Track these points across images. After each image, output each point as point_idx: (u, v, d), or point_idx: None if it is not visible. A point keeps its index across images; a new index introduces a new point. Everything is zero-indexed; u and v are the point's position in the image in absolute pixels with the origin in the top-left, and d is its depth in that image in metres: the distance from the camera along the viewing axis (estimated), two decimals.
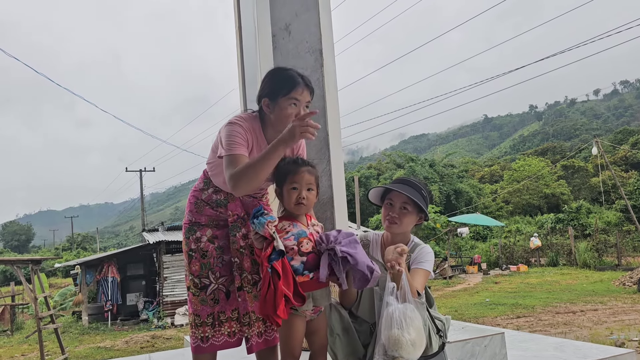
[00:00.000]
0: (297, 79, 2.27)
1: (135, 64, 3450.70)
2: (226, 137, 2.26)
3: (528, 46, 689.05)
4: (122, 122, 31.84)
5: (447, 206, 37.46)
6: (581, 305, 12.85)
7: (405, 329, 2.08)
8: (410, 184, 2.60)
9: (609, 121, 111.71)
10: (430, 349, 2.29)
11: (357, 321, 2.53)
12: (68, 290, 24.03)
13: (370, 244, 2.69)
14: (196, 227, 2.50)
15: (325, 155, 3.87)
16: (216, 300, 2.46)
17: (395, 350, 2.09)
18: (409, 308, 2.12)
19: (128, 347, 13.20)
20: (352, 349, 2.47)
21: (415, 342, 2.09)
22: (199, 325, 2.45)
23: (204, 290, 2.46)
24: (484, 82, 22.48)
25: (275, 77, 2.33)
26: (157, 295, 18.55)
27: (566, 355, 3.90)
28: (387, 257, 2.21)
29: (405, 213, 2.53)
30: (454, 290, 18.45)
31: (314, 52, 3.98)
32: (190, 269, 2.48)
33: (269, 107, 2.29)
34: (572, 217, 31.47)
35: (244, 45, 4.21)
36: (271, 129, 2.36)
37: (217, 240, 2.48)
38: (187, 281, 2.50)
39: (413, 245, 2.56)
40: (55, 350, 12.86)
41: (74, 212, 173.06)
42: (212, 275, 2.46)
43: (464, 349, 3.48)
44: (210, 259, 2.47)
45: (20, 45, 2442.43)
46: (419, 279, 2.38)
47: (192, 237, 2.49)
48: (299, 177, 2.27)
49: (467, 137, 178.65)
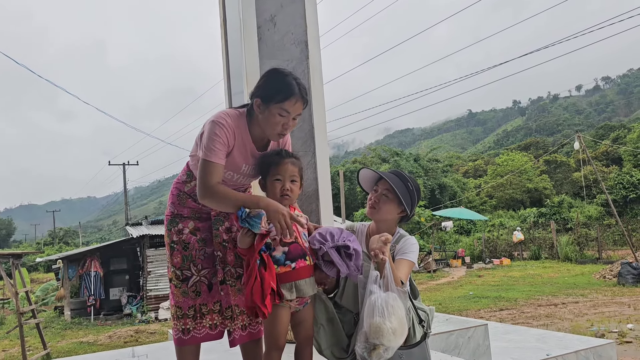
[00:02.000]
0: (293, 89, 2.24)
1: (118, 55, 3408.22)
2: (207, 138, 2.25)
3: (516, 40, 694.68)
4: (105, 114, 31.68)
5: (432, 200, 37.68)
6: (563, 298, 13.04)
7: (387, 317, 2.08)
8: (398, 175, 2.61)
9: (590, 117, 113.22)
10: (412, 339, 2.31)
11: (341, 311, 2.54)
12: (50, 285, 23.74)
13: (356, 234, 2.70)
14: (178, 219, 2.48)
15: (310, 148, 3.86)
16: (198, 292, 2.45)
17: (377, 338, 2.09)
18: (391, 297, 2.13)
19: (111, 341, 13.08)
20: (336, 339, 2.47)
21: (396, 331, 2.10)
22: (180, 317, 2.44)
23: (185, 282, 2.44)
24: (468, 77, 22.61)
25: (273, 80, 2.29)
26: (140, 290, 18.40)
27: (548, 346, 3.95)
28: (371, 246, 2.22)
29: (385, 200, 2.55)
30: (438, 283, 18.60)
31: (299, 43, 3.96)
32: (172, 261, 2.47)
33: (260, 108, 2.27)
34: (554, 212, 31.90)
35: (228, 37, 4.17)
36: (257, 128, 2.34)
37: (200, 233, 2.47)
38: (169, 273, 2.49)
39: (398, 237, 2.58)
40: (37, 346, 12.71)
41: (55, 206, 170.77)
42: (194, 268, 2.45)
43: (448, 340, 3.51)
44: (192, 251, 2.45)
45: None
46: (403, 269, 2.39)
47: (174, 229, 2.47)
48: (283, 168, 2.28)
49: (452, 132, 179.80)
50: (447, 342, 3.51)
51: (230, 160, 2.34)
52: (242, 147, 2.35)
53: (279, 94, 2.22)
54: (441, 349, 3.41)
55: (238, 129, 2.32)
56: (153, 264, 17.90)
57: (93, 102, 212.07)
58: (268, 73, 2.35)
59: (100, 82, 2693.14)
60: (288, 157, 2.32)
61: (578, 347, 3.81)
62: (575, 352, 3.74)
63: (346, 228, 2.73)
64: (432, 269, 22.16)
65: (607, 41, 21.44)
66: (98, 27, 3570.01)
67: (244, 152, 2.36)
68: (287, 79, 2.27)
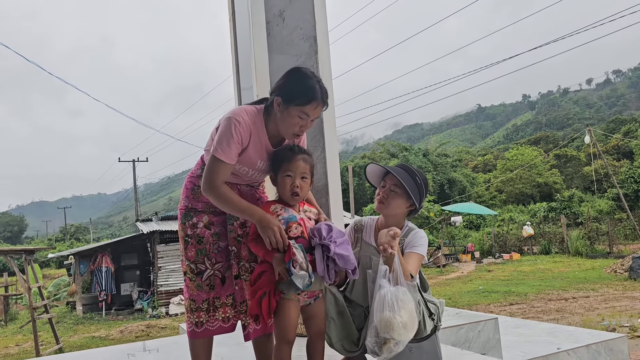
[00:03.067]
0: (316, 93, 2.23)
1: (127, 52, 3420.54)
2: (220, 135, 2.26)
3: (526, 33, 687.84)
4: (115, 111, 31.72)
5: (441, 195, 37.58)
6: (573, 293, 12.97)
7: (397, 311, 2.09)
8: (406, 169, 2.61)
9: (601, 110, 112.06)
10: (423, 332, 2.31)
11: (351, 305, 2.55)
12: (62, 281, 23.98)
13: (365, 229, 2.70)
14: (192, 213, 2.49)
15: (320, 143, 3.87)
16: (212, 286, 2.46)
17: (387, 332, 2.10)
18: (401, 291, 2.13)
19: (123, 336, 13.22)
20: (346, 332, 2.48)
21: (406, 325, 2.10)
22: (194, 311, 2.46)
23: (199, 276, 2.46)
24: (477, 71, 22.50)
25: (296, 82, 2.27)
26: (151, 285, 18.55)
27: (559, 340, 3.94)
28: (380, 240, 2.23)
29: (393, 195, 2.55)
30: (447, 278, 18.57)
31: (308, 39, 3.96)
32: (186, 255, 2.48)
33: (280, 107, 2.27)
34: (565, 206, 31.67)
35: (237, 32, 4.18)
36: (274, 125, 2.34)
37: (214, 227, 2.48)
38: (184, 266, 2.51)
39: (407, 230, 2.58)
40: (49, 340, 12.86)
41: (66, 202, 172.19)
42: (208, 262, 2.46)
43: (458, 334, 3.52)
44: (206, 245, 2.46)
45: (7, 33, 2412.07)
46: (412, 262, 2.40)
47: (189, 223, 2.48)
48: (294, 165, 2.28)
49: (461, 126, 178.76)
50: (457, 336, 3.51)
51: (245, 156, 2.34)
52: (258, 143, 2.35)
53: (301, 97, 2.21)
54: (451, 342, 3.41)
55: (254, 125, 2.32)
56: (163, 260, 18.03)
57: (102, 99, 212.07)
58: (291, 73, 2.33)
59: (108, 79, 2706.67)
60: (300, 154, 2.32)
61: (589, 341, 3.80)
62: (586, 346, 3.72)
63: (354, 224, 2.74)
64: (442, 264, 22.13)
65: (619, 34, 21.21)
66: (105, 24, 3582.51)
67: (259, 149, 2.36)
68: (310, 81, 2.25)
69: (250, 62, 3.70)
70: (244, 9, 3.92)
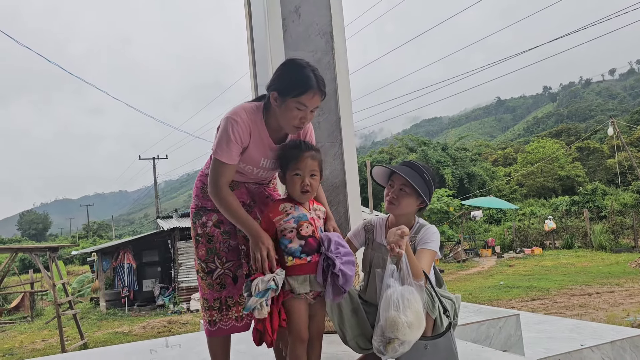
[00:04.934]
0: (311, 82, 2.17)
1: (145, 50, 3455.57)
2: (219, 135, 2.26)
3: (547, 24, 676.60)
4: (134, 109, 32.13)
5: (460, 189, 37.23)
6: (597, 288, 12.76)
7: (402, 310, 2.07)
8: (413, 167, 2.58)
9: (625, 101, 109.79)
10: (439, 329, 2.30)
11: (366, 303, 2.55)
12: (85, 277, 24.42)
13: (375, 229, 2.69)
14: (202, 212, 2.48)
15: (337, 139, 3.86)
16: (223, 285, 2.45)
17: (392, 331, 2.08)
18: (407, 290, 2.11)
19: (145, 332, 13.41)
20: (361, 330, 2.48)
21: (412, 324, 2.07)
22: (207, 309, 2.46)
23: (210, 275, 2.45)
24: (497, 63, 22.19)
25: (290, 73, 2.22)
26: (172, 281, 18.78)
27: (582, 337, 3.88)
28: (388, 239, 2.20)
29: (403, 195, 2.52)
30: (467, 273, 18.43)
31: (324, 34, 3.94)
32: (197, 254, 2.48)
33: (277, 101, 2.23)
34: (588, 199, 31.13)
35: (254, 29, 4.18)
36: (274, 121, 2.31)
37: (223, 225, 2.45)
38: (196, 265, 2.51)
39: (418, 227, 2.56)
40: (74, 336, 13.11)
41: (89, 200, 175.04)
42: (218, 260, 2.45)
43: (479, 331, 3.48)
44: (216, 244, 2.45)
45: (26, 32, 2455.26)
46: (425, 259, 2.38)
47: (199, 222, 2.47)
48: (303, 163, 2.25)
49: (480, 119, 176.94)
50: (477, 332, 3.47)
51: (248, 155, 2.33)
52: (259, 141, 2.33)
53: (297, 87, 2.17)
54: (472, 339, 3.38)
55: (254, 123, 2.29)
56: (184, 256, 18.22)
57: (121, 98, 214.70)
58: (284, 65, 2.30)
59: (127, 78, 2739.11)
60: (308, 151, 2.28)
61: (614, 338, 3.72)
62: (611, 343, 3.65)
63: (364, 225, 2.73)
64: (462, 259, 21.97)
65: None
66: (123, 23, 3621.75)
67: (262, 147, 2.34)
68: (304, 71, 2.20)
69: (267, 59, 3.70)
70: (260, 6, 3.92)
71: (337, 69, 3.92)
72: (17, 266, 27.45)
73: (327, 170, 3.78)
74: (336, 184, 3.78)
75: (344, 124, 3.86)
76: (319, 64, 3.89)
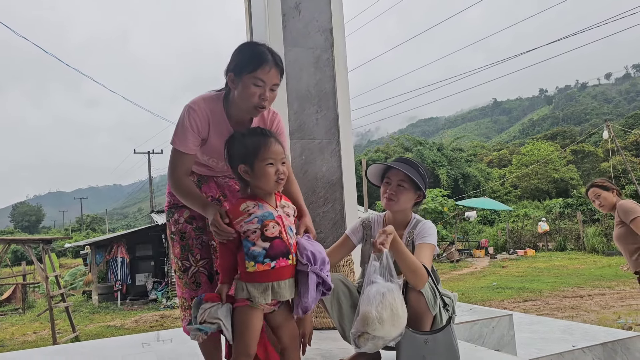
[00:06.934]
0: (266, 56, 2.09)
1: (143, 43, 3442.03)
2: (177, 124, 2.22)
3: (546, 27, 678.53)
4: (131, 102, 31.71)
5: (455, 190, 37.34)
6: (589, 290, 12.84)
7: (375, 306, 2.07)
8: (407, 162, 2.62)
9: (620, 105, 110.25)
10: (439, 324, 2.35)
11: None
12: (78, 270, 24.32)
13: (372, 225, 2.72)
14: (174, 210, 2.41)
15: (334, 136, 3.86)
16: (197, 283, 2.35)
17: (362, 326, 2.09)
18: (385, 287, 2.12)
19: (137, 326, 13.38)
20: None
21: (383, 320, 2.06)
22: (186, 309, 2.37)
23: (185, 273, 2.36)
24: (494, 65, 22.24)
25: (243, 51, 2.15)
26: (165, 276, 18.75)
27: (574, 338, 3.90)
28: (376, 238, 2.21)
29: (402, 190, 2.55)
30: (461, 273, 18.49)
31: (324, 31, 3.94)
32: (173, 252, 2.41)
33: (234, 82, 2.15)
34: (581, 202, 31.25)
35: (253, 25, 4.18)
36: (236, 108, 2.22)
37: (195, 221, 2.37)
38: (174, 264, 2.44)
39: (415, 222, 2.60)
40: (66, 329, 13.07)
41: (83, 193, 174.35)
42: (192, 258, 2.36)
43: (472, 330, 3.50)
44: (189, 241, 2.36)
45: (24, 23, 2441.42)
46: (424, 253, 2.41)
47: (172, 220, 2.40)
48: (273, 150, 2.01)
49: (476, 120, 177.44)
50: (470, 332, 3.49)
51: (209, 146, 2.27)
52: (219, 131, 2.24)
53: (251, 63, 2.08)
54: (465, 338, 3.39)
55: (212, 112, 2.22)
56: None
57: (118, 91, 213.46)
58: (239, 46, 2.21)
59: (124, 71, 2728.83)
60: (272, 136, 2.05)
61: (605, 339, 3.74)
62: (602, 344, 3.67)
63: (362, 221, 2.75)
64: (455, 259, 22.02)
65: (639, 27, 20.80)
66: (121, 16, 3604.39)
67: (223, 137, 2.22)
68: (258, 48, 2.14)
69: None
70: (260, 2, 3.91)
71: (336, 66, 3.92)
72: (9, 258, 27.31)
73: (324, 167, 3.78)
74: (333, 181, 3.78)
75: (341, 122, 3.87)
76: (319, 61, 3.90)
